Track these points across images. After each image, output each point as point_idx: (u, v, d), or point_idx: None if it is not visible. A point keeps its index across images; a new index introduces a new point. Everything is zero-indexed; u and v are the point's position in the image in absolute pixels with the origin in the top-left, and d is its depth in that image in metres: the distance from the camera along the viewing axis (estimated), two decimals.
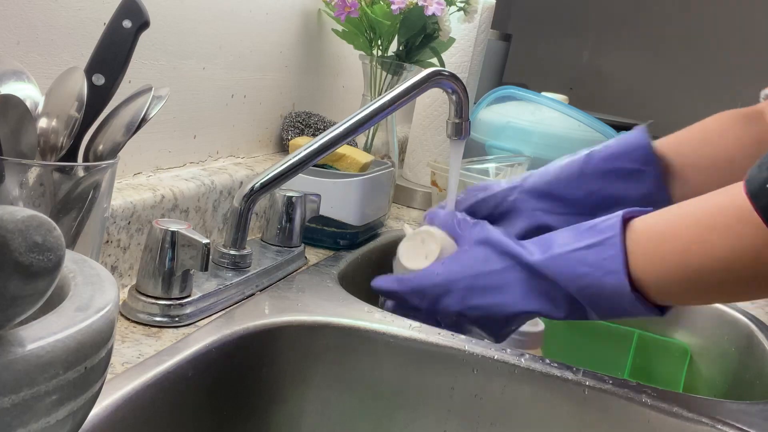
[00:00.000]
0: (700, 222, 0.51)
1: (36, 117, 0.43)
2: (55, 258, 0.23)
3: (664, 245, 0.52)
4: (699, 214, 0.51)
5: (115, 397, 0.42)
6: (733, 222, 0.48)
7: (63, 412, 0.25)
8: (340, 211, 0.78)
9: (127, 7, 0.45)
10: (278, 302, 0.61)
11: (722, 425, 0.51)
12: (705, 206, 0.51)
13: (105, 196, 0.45)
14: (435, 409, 0.58)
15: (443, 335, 0.58)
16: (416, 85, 0.67)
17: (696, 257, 0.50)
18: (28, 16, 0.51)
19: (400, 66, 0.91)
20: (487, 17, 1.13)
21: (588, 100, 1.88)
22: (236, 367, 0.54)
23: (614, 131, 1.16)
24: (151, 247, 0.53)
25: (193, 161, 0.74)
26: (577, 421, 0.55)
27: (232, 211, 0.63)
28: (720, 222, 0.49)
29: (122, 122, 0.44)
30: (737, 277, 0.49)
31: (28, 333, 0.24)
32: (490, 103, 1.23)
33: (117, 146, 0.44)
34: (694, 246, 0.50)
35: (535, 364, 0.56)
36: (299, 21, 0.90)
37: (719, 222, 0.49)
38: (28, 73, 0.45)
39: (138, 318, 0.53)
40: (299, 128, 0.90)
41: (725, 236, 0.48)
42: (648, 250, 0.53)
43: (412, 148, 1.18)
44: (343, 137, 0.64)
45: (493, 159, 1.05)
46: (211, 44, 0.72)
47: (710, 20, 2.14)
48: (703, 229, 0.50)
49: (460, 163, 0.73)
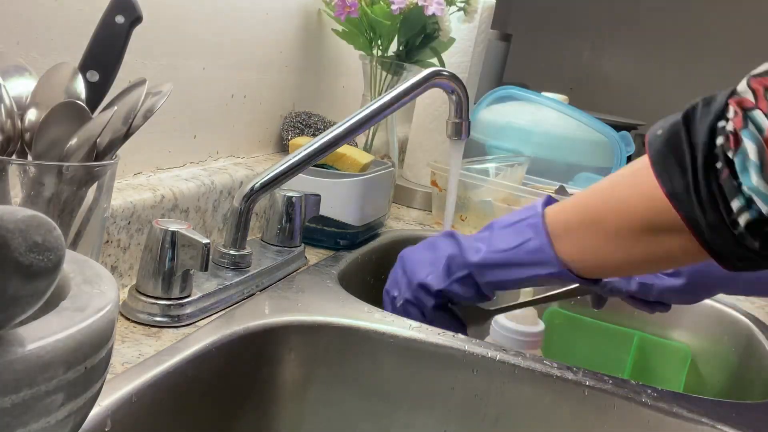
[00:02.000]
0: (609, 180, 0.56)
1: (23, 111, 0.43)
2: (55, 258, 0.23)
3: (576, 201, 0.57)
4: (612, 176, 0.56)
5: (115, 397, 0.42)
6: (636, 172, 0.51)
7: (63, 412, 0.25)
8: (340, 211, 0.78)
9: (119, 2, 0.45)
10: (278, 302, 0.61)
11: (722, 425, 0.51)
12: (619, 172, 0.55)
13: (105, 196, 0.45)
14: (435, 409, 0.58)
15: (443, 335, 0.58)
16: (416, 85, 0.67)
17: (602, 206, 0.54)
18: (28, 16, 0.51)
19: (400, 66, 0.91)
20: (487, 17, 1.13)
21: (588, 100, 1.88)
22: (236, 367, 0.54)
23: (614, 131, 1.16)
24: (151, 247, 0.53)
25: (193, 161, 0.74)
26: (577, 421, 0.55)
27: (232, 211, 0.63)
28: (624, 170, 0.54)
29: (119, 116, 0.44)
30: (632, 224, 0.51)
31: (28, 333, 0.24)
32: (490, 103, 1.23)
33: (116, 140, 0.44)
34: (602, 194, 0.55)
35: (535, 364, 0.56)
36: (299, 21, 0.90)
37: (623, 170, 0.54)
38: (30, 69, 0.45)
39: (138, 318, 0.53)
40: (299, 128, 0.90)
41: (627, 183, 0.52)
42: (565, 218, 0.57)
43: (412, 148, 1.18)
44: (343, 137, 0.64)
45: (493, 159, 1.05)
46: (211, 44, 0.72)
47: (710, 20, 2.14)
48: (611, 182, 0.55)
49: (460, 163, 0.73)
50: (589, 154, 1.16)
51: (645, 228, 0.51)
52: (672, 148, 0.46)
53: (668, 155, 0.46)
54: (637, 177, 0.51)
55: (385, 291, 0.67)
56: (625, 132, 1.18)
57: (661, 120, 0.49)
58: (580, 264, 0.56)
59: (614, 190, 0.54)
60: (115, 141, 0.44)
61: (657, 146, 0.47)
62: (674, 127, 0.46)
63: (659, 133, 0.47)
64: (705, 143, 0.44)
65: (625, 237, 0.52)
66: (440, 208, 1.00)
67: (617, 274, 0.65)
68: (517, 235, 0.59)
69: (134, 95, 0.44)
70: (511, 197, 0.95)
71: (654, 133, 0.48)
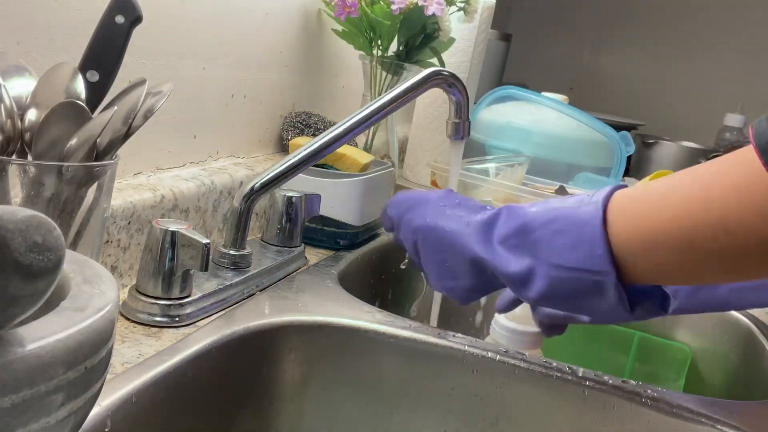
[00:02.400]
0: (698, 181, 0.44)
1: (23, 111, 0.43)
2: (55, 258, 0.23)
3: (653, 205, 0.46)
4: (699, 173, 0.44)
5: (115, 397, 0.42)
6: (739, 178, 0.42)
7: (63, 412, 0.25)
8: (340, 211, 0.78)
9: (119, 2, 0.44)
10: (278, 302, 0.61)
11: (722, 425, 0.51)
12: (707, 168, 0.44)
13: (105, 196, 0.45)
14: (435, 409, 0.58)
15: (443, 335, 0.58)
16: (416, 85, 0.67)
17: (690, 217, 0.43)
18: (28, 16, 0.51)
19: (400, 66, 0.91)
20: (487, 17, 1.13)
21: (588, 100, 1.88)
22: (236, 367, 0.54)
23: (614, 131, 1.16)
24: (151, 247, 0.53)
25: (193, 161, 0.74)
26: (577, 421, 0.55)
27: (232, 211, 0.63)
28: (722, 179, 0.42)
29: (119, 116, 0.44)
30: (735, 240, 0.42)
31: (28, 333, 0.24)
32: (490, 103, 1.23)
33: (116, 140, 0.44)
34: (692, 204, 0.43)
35: (535, 364, 0.56)
36: (299, 21, 0.90)
37: (722, 180, 0.42)
38: (30, 69, 0.45)
39: (138, 318, 0.53)
40: (299, 128, 0.90)
41: (728, 192, 0.42)
42: (631, 212, 0.46)
43: (412, 148, 1.18)
44: (343, 137, 0.64)
45: (493, 159, 1.05)
46: (211, 44, 0.72)
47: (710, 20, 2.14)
48: (701, 187, 0.43)
49: (460, 163, 0.73)
50: (589, 154, 1.16)
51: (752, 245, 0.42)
52: None
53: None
54: (736, 185, 0.41)
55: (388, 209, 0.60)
56: (625, 132, 1.18)
57: (763, 121, 0.41)
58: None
59: (712, 207, 0.42)
60: (115, 141, 0.44)
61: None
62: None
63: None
64: None
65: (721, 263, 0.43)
66: None
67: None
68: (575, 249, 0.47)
69: (134, 95, 0.44)
70: (511, 197, 0.95)
71: (766, 141, 0.40)
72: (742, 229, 0.41)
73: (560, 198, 0.52)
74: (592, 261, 0.46)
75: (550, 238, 0.49)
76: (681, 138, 1.85)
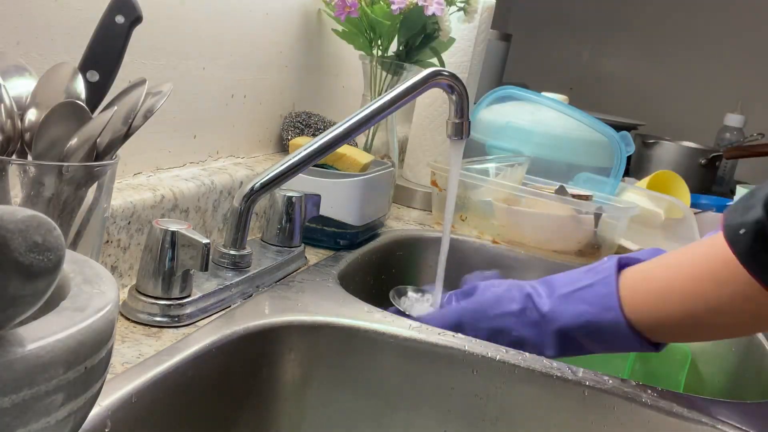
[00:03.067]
0: (686, 271, 0.55)
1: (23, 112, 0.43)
2: (55, 258, 0.23)
3: (656, 292, 0.57)
4: (686, 263, 0.55)
5: (115, 397, 0.42)
6: (719, 268, 0.51)
7: (63, 412, 0.25)
8: (340, 211, 0.78)
9: (119, 2, 0.44)
10: (278, 302, 0.61)
11: (722, 425, 0.51)
12: (691, 256, 0.55)
13: (105, 196, 0.45)
14: (435, 409, 0.58)
15: (443, 335, 0.58)
16: (416, 85, 0.67)
17: (688, 303, 0.54)
18: (28, 16, 0.51)
19: (400, 66, 0.91)
20: (487, 17, 1.13)
21: (588, 100, 1.88)
22: (236, 367, 0.54)
23: (614, 131, 1.16)
24: (151, 247, 0.53)
25: (193, 161, 0.74)
26: (577, 421, 0.55)
27: (232, 211, 0.63)
28: (706, 270, 0.53)
29: (119, 116, 0.44)
30: (729, 319, 0.53)
31: (28, 333, 0.24)
32: (490, 103, 1.23)
33: (116, 140, 0.44)
34: (687, 295, 0.54)
35: (535, 364, 0.56)
36: (299, 21, 0.90)
37: (705, 270, 0.53)
38: (30, 69, 0.45)
39: (138, 318, 0.53)
40: (299, 128, 0.90)
41: (713, 284, 0.52)
42: (641, 294, 0.57)
43: (412, 148, 1.18)
44: (343, 137, 0.64)
45: (493, 159, 1.05)
46: (211, 44, 0.72)
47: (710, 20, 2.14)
48: (692, 278, 0.54)
49: (460, 163, 0.73)
50: (589, 154, 1.16)
51: (745, 319, 0.53)
52: (764, 244, 0.46)
53: (760, 252, 0.47)
54: (719, 276, 0.52)
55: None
56: (625, 132, 1.18)
57: (732, 210, 0.49)
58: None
59: (705, 295, 0.54)
60: (115, 141, 0.44)
61: (745, 245, 0.47)
62: (759, 225, 0.46)
63: (742, 233, 0.47)
64: None
65: (720, 332, 0.57)
66: (440, 208, 1.00)
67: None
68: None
69: (134, 95, 0.44)
70: (511, 197, 0.95)
71: (735, 232, 0.48)
72: (731, 309, 0.52)
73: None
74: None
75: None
76: (681, 138, 1.85)
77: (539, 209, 0.92)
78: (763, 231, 0.45)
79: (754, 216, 0.46)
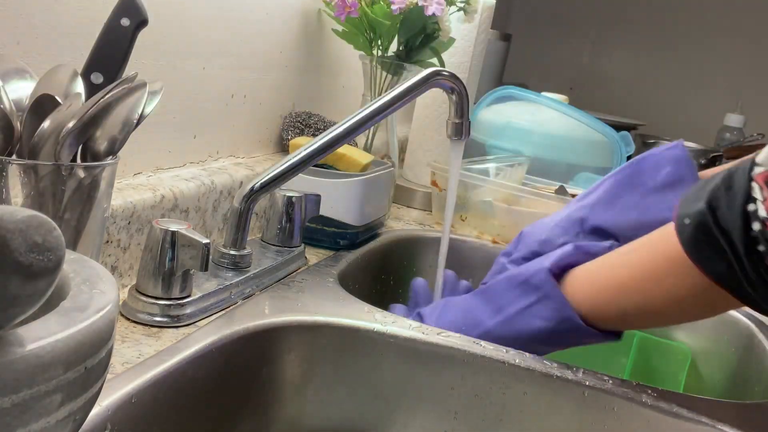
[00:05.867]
0: (640, 263, 0.56)
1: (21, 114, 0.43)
2: (55, 258, 0.23)
3: (610, 287, 0.58)
4: (639, 256, 0.57)
5: (115, 397, 0.42)
6: (673, 256, 0.52)
7: (63, 412, 0.25)
8: (340, 211, 0.78)
9: (125, 5, 0.44)
10: (278, 302, 0.61)
11: (722, 425, 0.51)
12: (646, 248, 0.56)
13: (105, 196, 0.45)
14: (435, 409, 0.58)
15: (443, 335, 0.58)
16: (416, 85, 0.67)
17: (640, 296, 0.55)
18: (28, 17, 0.51)
19: (400, 66, 0.91)
20: (487, 17, 1.13)
21: (588, 100, 1.88)
22: (236, 367, 0.54)
23: (614, 131, 1.16)
24: (151, 247, 0.53)
25: (193, 161, 0.74)
26: (577, 421, 0.55)
27: (232, 211, 0.63)
28: (662, 259, 0.54)
29: (119, 119, 0.44)
30: (684, 307, 0.54)
31: (28, 333, 0.24)
32: (490, 103, 1.23)
33: (115, 143, 0.44)
34: (640, 287, 0.55)
35: (535, 364, 0.56)
36: (299, 21, 0.90)
37: (661, 259, 0.54)
38: (31, 71, 0.45)
39: (138, 318, 0.53)
40: (299, 128, 0.90)
41: (668, 273, 0.53)
42: (589, 293, 0.59)
43: (412, 148, 1.18)
44: (343, 137, 0.64)
45: (493, 159, 1.05)
46: (211, 44, 0.72)
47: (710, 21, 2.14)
48: (647, 268, 0.55)
49: (460, 163, 0.73)
50: (589, 154, 1.16)
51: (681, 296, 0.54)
52: (705, 236, 0.48)
53: (701, 242, 0.48)
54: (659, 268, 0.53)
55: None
56: (625, 132, 1.18)
57: (683, 200, 0.51)
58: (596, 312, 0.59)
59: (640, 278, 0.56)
60: (115, 141, 0.44)
61: (688, 234, 0.49)
62: (701, 216, 0.48)
63: (687, 222, 0.49)
64: (740, 228, 0.45)
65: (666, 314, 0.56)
66: (440, 208, 1.00)
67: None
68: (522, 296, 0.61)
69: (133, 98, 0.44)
70: (511, 197, 0.95)
71: (682, 222, 0.50)
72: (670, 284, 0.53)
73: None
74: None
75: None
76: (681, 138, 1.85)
77: (539, 209, 0.92)
78: (704, 222, 0.47)
79: (697, 207, 0.48)
